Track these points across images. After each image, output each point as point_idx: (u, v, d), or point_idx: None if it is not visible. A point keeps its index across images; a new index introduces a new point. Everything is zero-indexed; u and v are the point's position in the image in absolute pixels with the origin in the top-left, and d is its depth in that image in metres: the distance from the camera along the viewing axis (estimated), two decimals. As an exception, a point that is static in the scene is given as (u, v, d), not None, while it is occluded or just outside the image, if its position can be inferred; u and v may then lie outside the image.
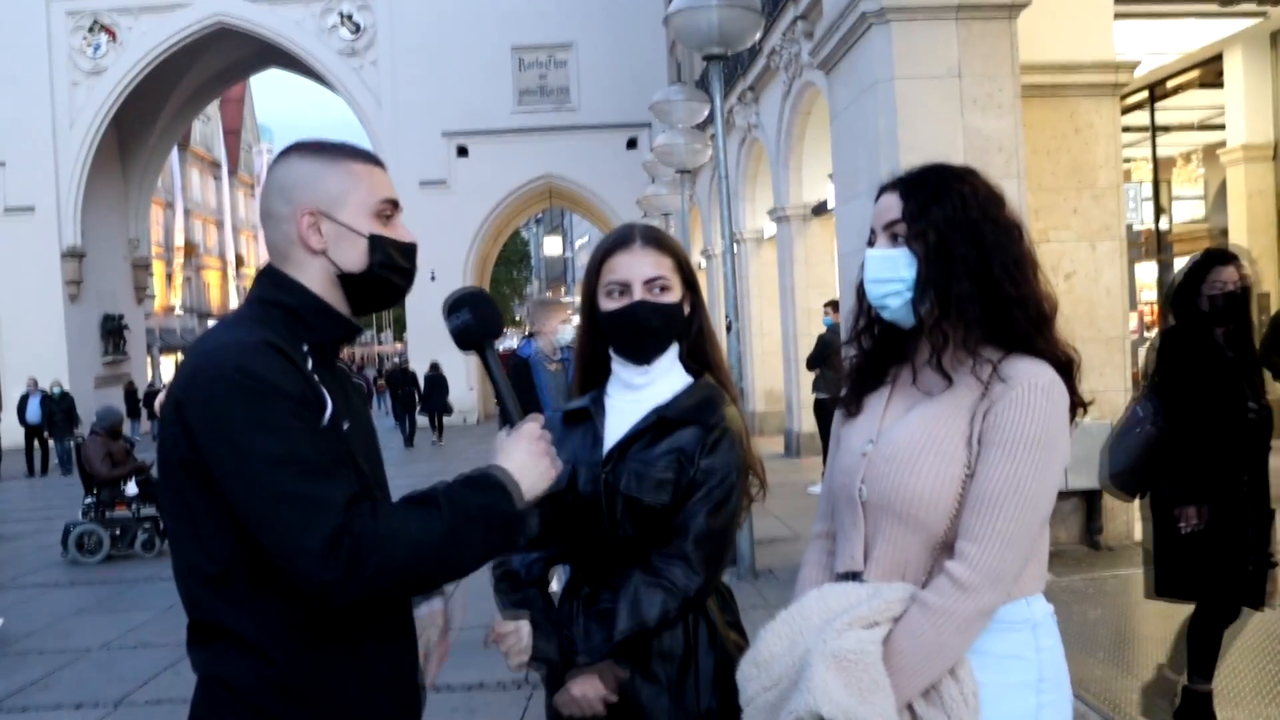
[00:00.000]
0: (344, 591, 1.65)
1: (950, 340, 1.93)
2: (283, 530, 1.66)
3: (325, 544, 1.64)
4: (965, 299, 1.92)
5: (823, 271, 15.14)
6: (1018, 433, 1.85)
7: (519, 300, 66.73)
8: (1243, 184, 13.95)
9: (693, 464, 2.24)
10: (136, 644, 7.49)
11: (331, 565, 1.64)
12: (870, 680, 1.79)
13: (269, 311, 1.88)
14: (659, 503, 2.23)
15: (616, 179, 26.91)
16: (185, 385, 1.76)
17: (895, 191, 2.03)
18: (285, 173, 1.92)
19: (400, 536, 1.70)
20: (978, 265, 1.94)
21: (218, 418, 1.70)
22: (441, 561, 1.75)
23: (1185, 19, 12.22)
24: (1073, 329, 7.55)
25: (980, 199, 2.00)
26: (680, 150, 12.88)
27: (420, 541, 1.71)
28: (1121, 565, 7.55)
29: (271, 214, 1.92)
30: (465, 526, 1.75)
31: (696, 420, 2.28)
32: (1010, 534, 1.84)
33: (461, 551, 1.76)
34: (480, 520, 1.78)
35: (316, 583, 1.65)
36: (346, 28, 27.85)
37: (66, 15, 27.63)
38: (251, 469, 1.67)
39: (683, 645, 2.23)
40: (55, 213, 27.62)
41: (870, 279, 2.00)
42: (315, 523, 1.65)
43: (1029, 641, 1.94)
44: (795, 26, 13.85)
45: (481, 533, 1.78)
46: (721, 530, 2.24)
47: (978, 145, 7.18)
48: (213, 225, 60.05)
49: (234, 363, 1.72)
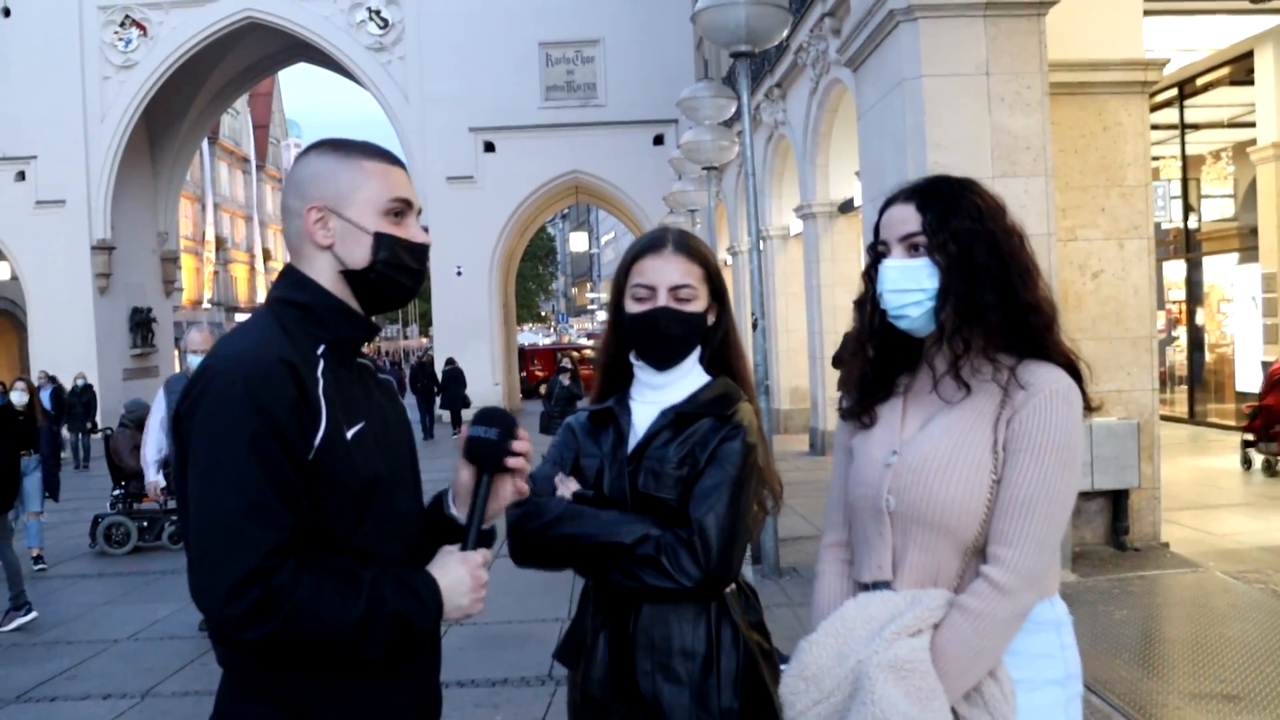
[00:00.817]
0: (239, 630, 1.70)
1: (971, 347, 1.98)
2: (204, 553, 1.71)
3: (234, 584, 1.67)
4: (989, 307, 1.97)
5: (849, 269, 15.11)
6: (1044, 438, 1.91)
7: (545, 295, 66.83)
8: (1273, 182, 13.84)
9: (705, 451, 2.25)
10: (163, 635, 7.56)
11: (234, 603, 1.68)
12: (928, 688, 1.84)
13: (286, 311, 1.90)
14: (675, 498, 2.24)
15: (643, 175, 26.92)
16: (193, 390, 1.80)
17: (910, 203, 2.06)
18: (302, 169, 1.95)
19: (311, 609, 1.72)
20: (999, 273, 1.99)
21: (203, 426, 1.75)
22: (341, 644, 1.76)
23: (1215, 15, 12.12)
24: (1099, 328, 7.52)
25: (990, 209, 2.05)
26: (707, 147, 12.86)
27: (328, 619, 1.73)
28: (1147, 566, 7.52)
29: (287, 209, 1.95)
30: (375, 623, 1.77)
31: (711, 413, 2.29)
32: (1043, 536, 1.90)
33: (362, 644, 1.77)
34: (391, 624, 1.79)
35: (216, 615, 1.71)
36: (375, 23, 27.93)
37: (98, 10, 27.81)
38: (206, 483, 1.73)
39: (705, 644, 2.23)
40: (86, 206, 27.81)
41: (890, 289, 2.03)
42: (233, 559, 1.68)
43: (1055, 640, 2.01)
44: (823, 24, 13.81)
45: (388, 635, 1.79)
46: (732, 521, 2.22)
47: (1005, 143, 7.15)
48: (241, 219, 60.41)
49: (232, 377, 1.76)
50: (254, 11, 27.68)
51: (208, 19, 27.73)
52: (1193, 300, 16.76)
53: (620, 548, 2.19)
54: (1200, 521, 8.97)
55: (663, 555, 2.17)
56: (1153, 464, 8.07)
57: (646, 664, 2.23)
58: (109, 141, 27.86)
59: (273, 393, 1.75)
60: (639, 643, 2.24)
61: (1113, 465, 7.73)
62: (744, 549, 2.28)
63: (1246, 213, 15.03)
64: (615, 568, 2.20)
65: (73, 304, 27.61)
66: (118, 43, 27.91)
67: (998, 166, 7.12)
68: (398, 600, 1.80)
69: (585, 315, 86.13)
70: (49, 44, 27.39)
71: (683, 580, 2.16)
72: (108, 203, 28.06)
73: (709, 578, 2.18)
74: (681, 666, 2.22)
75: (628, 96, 27.45)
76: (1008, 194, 7.39)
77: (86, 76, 27.74)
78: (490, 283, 28.00)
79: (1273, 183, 13.84)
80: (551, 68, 28.08)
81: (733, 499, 2.22)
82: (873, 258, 2.12)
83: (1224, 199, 16.26)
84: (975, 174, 7.50)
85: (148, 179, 30.95)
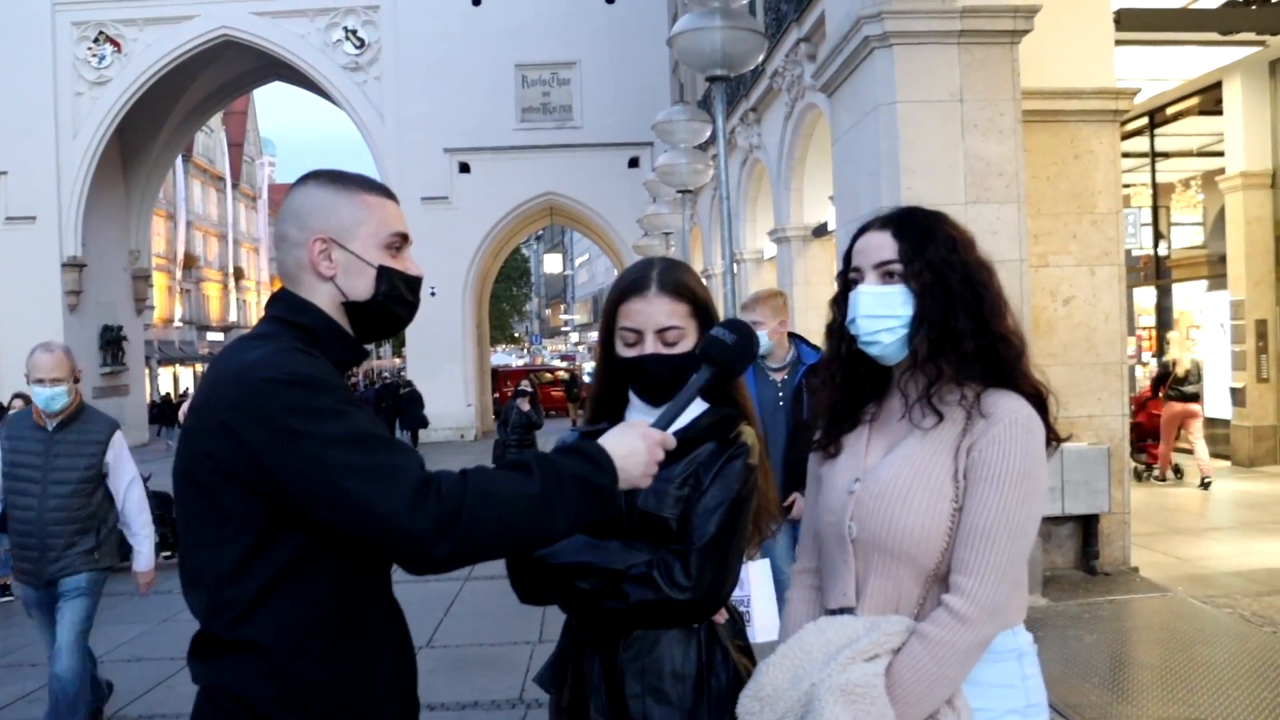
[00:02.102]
0: (436, 543, 1.69)
1: (943, 374, 1.99)
2: (363, 501, 1.69)
3: (410, 498, 1.68)
4: (963, 335, 1.99)
5: (822, 293, 15.16)
6: (1003, 468, 1.91)
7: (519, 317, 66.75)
8: (1241, 211, 14.02)
9: (709, 472, 2.23)
10: (130, 657, 7.46)
11: (419, 517, 1.68)
12: (877, 713, 1.83)
13: (286, 330, 1.93)
14: (675, 517, 2.22)
15: (618, 197, 27.01)
16: (229, 403, 1.79)
17: (885, 231, 2.07)
18: (301, 199, 1.98)
19: (491, 494, 1.74)
20: (972, 303, 2.01)
21: (275, 420, 1.74)
22: (534, 521, 1.78)
23: (1185, 47, 12.29)
24: (1070, 354, 7.57)
25: (963, 241, 2.07)
26: (682, 170, 12.88)
27: (512, 499, 1.75)
28: (1117, 591, 7.55)
29: (286, 238, 1.97)
30: (558, 489, 1.79)
31: (714, 436, 2.28)
32: (1003, 565, 1.90)
33: (554, 513, 1.79)
34: (573, 486, 1.81)
35: (408, 538, 1.69)
36: (351, 42, 27.96)
37: (72, 25, 27.71)
38: (323, 454, 1.71)
39: (695, 666, 2.21)
40: (56, 223, 27.60)
41: (864, 314, 2.04)
42: (394, 485, 1.69)
43: (1016, 670, 2.01)
44: (798, 49, 13.91)
45: (575, 497, 1.81)
46: (729, 539, 2.20)
47: (979, 170, 7.21)
48: (214, 237, 60.14)
49: (279, 368, 1.78)
50: (229, 30, 27.65)
51: (183, 36, 27.68)
52: (1163, 326, 16.93)
53: (615, 573, 2.17)
54: (1169, 546, 9.03)
55: (655, 570, 2.16)
56: (1123, 489, 8.12)
57: (636, 687, 2.21)
58: (81, 158, 27.70)
59: (321, 369, 1.83)
60: (628, 667, 2.22)
61: (1083, 490, 7.77)
62: (738, 569, 2.26)
63: (1215, 240, 15.20)
64: (608, 594, 2.18)
65: (42, 321, 27.26)
66: (91, 59, 27.81)
67: (971, 192, 7.17)
68: (571, 465, 1.83)
69: (559, 336, 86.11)
70: (21, 59, 27.22)
71: (673, 593, 2.14)
72: (79, 220, 27.86)
73: (701, 592, 2.16)
74: (672, 689, 2.20)
75: (603, 119, 27.56)
76: (981, 220, 7.46)
77: (59, 92, 27.60)
78: (464, 304, 27.98)
79: (1241, 211, 14.02)
80: (527, 89, 28.17)
81: (732, 517, 2.21)
82: (843, 285, 2.13)
83: (1193, 227, 16.44)
84: (948, 200, 7.55)
85: (120, 196, 30.77)
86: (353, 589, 1.87)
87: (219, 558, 1.81)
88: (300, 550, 1.79)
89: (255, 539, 1.78)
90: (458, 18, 27.56)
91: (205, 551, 1.83)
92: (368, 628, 1.88)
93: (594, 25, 27.66)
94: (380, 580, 1.96)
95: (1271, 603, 7.01)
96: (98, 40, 27.84)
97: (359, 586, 1.88)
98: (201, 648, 1.88)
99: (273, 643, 1.80)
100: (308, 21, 27.76)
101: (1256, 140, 13.86)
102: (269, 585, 1.79)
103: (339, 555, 1.82)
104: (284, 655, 1.80)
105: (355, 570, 1.86)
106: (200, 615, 1.88)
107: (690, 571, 2.15)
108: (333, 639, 1.83)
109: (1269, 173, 13.89)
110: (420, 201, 27.35)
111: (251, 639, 1.80)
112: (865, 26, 7.24)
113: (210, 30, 27.62)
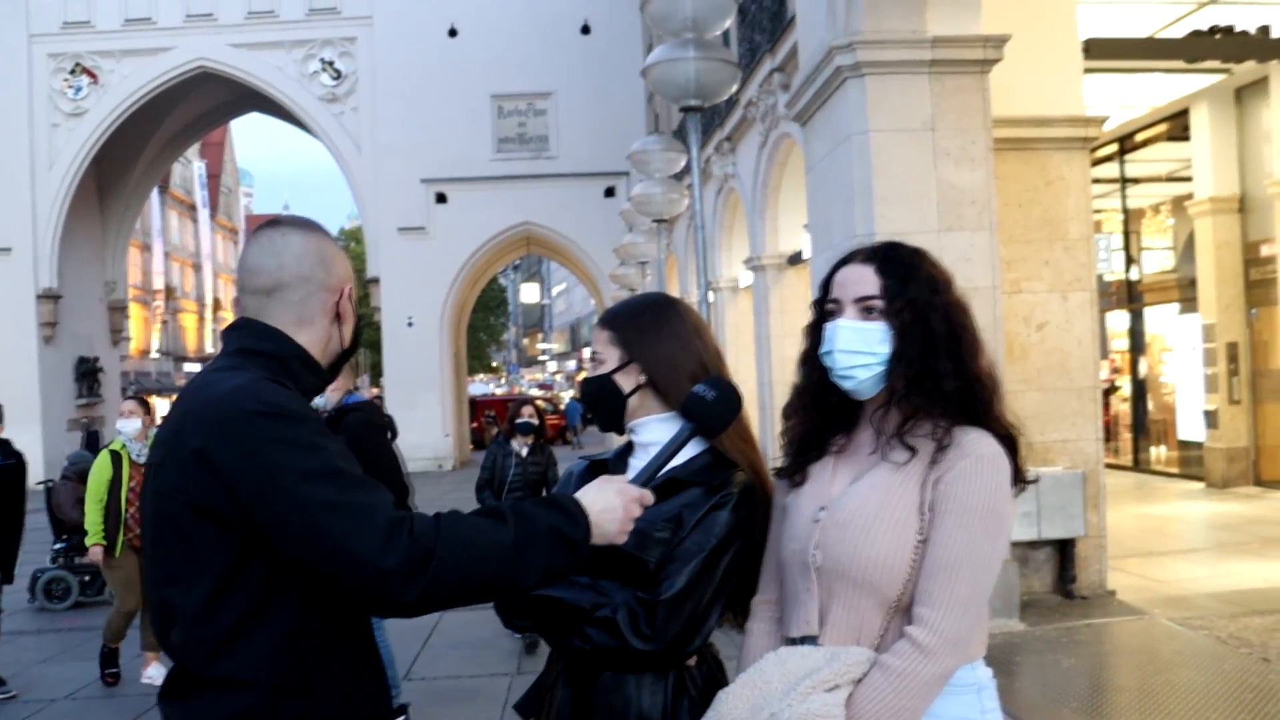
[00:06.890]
0: (406, 585, 1.69)
1: (918, 413, 2.00)
2: (337, 537, 1.70)
3: (381, 535, 1.69)
4: (943, 374, 2.00)
5: (798, 321, 15.14)
6: (970, 501, 1.93)
7: (496, 346, 66.64)
8: (1210, 235, 14.18)
9: (694, 514, 2.20)
10: (103, 694, 7.38)
11: (390, 553, 1.68)
12: None
13: (252, 360, 1.94)
14: (655, 560, 2.18)
15: (594, 227, 27.07)
16: (205, 433, 1.78)
17: (868, 265, 2.07)
18: (322, 245, 2.06)
19: (463, 539, 1.74)
20: (952, 343, 2.03)
21: (252, 452, 1.74)
22: (505, 570, 1.78)
23: (1153, 75, 12.47)
24: (1044, 379, 7.63)
25: (943, 281, 2.09)
26: (657, 199, 12.93)
27: (486, 547, 1.76)
28: (1094, 614, 7.58)
29: (308, 278, 2.01)
30: (531, 541, 1.80)
31: (702, 481, 2.26)
32: (967, 599, 1.91)
33: (525, 564, 1.80)
34: (547, 539, 1.82)
35: (375, 575, 1.68)
36: (328, 74, 27.99)
37: (48, 57, 27.65)
38: (298, 489, 1.71)
39: (660, 711, 2.19)
40: (32, 254, 27.47)
41: (841, 349, 2.04)
42: (367, 523, 1.70)
43: (975, 704, 2.00)
44: (772, 78, 14.02)
45: (547, 550, 1.82)
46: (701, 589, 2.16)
47: (951, 198, 7.27)
48: (191, 268, 59.88)
49: (254, 399, 1.79)
50: (206, 61, 27.65)
51: (160, 68, 27.65)
52: (1136, 350, 17.07)
53: (582, 612, 2.16)
54: (1146, 569, 9.07)
55: (619, 614, 2.13)
56: (1099, 512, 8.17)
57: None
58: (57, 189, 27.58)
59: (295, 399, 1.86)
60: (597, 705, 2.21)
61: (1059, 514, 7.81)
62: (709, 618, 2.19)
63: (1186, 264, 15.36)
64: (574, 632, 2.17)
65: (17, 353, 27.17)
66: (67, 90, 27.73)
67: (943, 220, 7.24)
68: (547, 517, 1.84)
69: (536, 366, 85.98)
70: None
71: (635, 642, 2.11)
72: (55, 251, 27.72)
73: (663, 645, 2.12)
74: None
75: (579, 149, 27.65)
76: (954, 247, 7.51)
77: (35, 123, 27.50)
78: (441, 333, 27.93)
79: (1210, 236, 14.18)
80: (504, 120, 28.24)
81: (706, 567, 2.16)
82: (819, 314, 2.13)
83: (1164, 251, 16.61)
84: (921, 228, 7.61)
85: (96, 227, 30.63)
86: (325, 617, 1.86)
87: (189, 594, 1.80)
88: (268, 581, 1.79)
89: (224, 572, 1.77)
90: (434, 49, 27.62)
91: (176, 589, 1.82)
92: (345, 655, 1.88)
93: (570, 56, 27.78)
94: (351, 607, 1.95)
95: (1247, 624, 7.05)
96: (74, 72, 27.78)
97: (331, 614, 1.87)
98: (178, 687, 1.87)
99: (253, 676, 1.79)
100: (285, 53, 27.78)
101: (1224, 166, 14.05)
102: (243, 618, 1.78)
103: (305, 585, 1.80)
104: (263, 688, 1.79)
105: (325, 599, 1.85)
106: (174, 653, 1.86)
107: (655, 623, 2.12)
108: (309, 669, 1.82)
109: (1236, 198, 14.08)
110: (398, 231, 27.40)
111: (230, 675, 1.79)
112: (838, 56, 7.32)
113: (187, 62, 27.60)
